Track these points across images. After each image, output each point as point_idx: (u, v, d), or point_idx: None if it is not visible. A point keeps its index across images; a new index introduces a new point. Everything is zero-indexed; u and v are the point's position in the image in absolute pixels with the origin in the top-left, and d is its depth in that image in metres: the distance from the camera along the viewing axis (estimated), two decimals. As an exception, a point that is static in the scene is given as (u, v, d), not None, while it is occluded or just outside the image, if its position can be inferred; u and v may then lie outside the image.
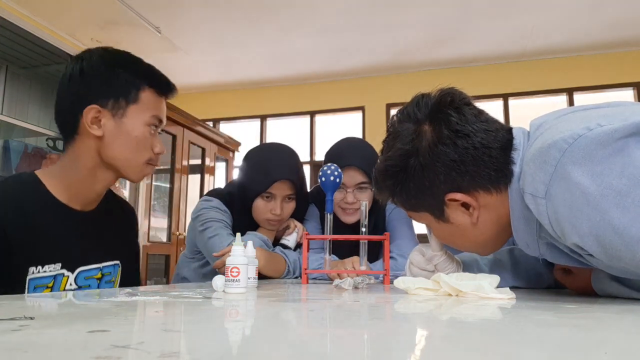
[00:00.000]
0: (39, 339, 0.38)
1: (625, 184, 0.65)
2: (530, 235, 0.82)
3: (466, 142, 0.81)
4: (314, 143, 5.48)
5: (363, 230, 1.24)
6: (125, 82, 1.01)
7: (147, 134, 1.04)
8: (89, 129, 0.99)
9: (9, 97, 3.15)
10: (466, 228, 0.87)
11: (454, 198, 0.83)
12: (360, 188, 1.50)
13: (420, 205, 0.89)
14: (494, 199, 0.83)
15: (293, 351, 0.38)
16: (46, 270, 0.97)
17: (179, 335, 0.41)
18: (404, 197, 0.89)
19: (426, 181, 0.84)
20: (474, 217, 0.85)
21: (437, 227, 0.92)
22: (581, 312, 0.66)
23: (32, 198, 0.98)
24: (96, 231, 1.08)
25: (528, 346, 0.39)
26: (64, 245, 1.00)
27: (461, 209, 0.85)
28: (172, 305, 0.66)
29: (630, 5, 3.88)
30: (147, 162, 1.06)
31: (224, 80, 5.48)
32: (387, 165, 0.88)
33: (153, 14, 3.98)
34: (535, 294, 0.90)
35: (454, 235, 0.91)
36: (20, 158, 3.21)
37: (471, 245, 0.92)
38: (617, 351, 0.37)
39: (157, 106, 1.06)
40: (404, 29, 4.27)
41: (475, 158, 0.81)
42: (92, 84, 1.00)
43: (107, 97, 1.00)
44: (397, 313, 0.67)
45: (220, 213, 1.47)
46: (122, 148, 1.01)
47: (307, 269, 1.20)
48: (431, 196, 0.85)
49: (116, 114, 1.01)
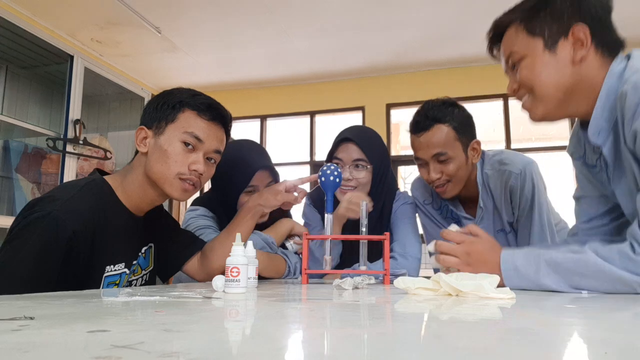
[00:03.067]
0: (39, 339, 0.38)
1: None
2: (606, 120, 0.93)
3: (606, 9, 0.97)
4: (314, 143, 5.48)
5: (363, 230, 1.24)
6: (168, 107, 1.15)
7: (179, 149, 1.13)
8: (137, 147, 1.15)
9: (9, 97, 3.15)
10: (565, 64, 0.96)
11: (580, 30, 0.94)
12: (357, 166, 1.50)
13: (544, 27, 0.97)
14: (598, 62, 0.95)
15: (293, 351, 0.38)
16: (117, 268, 1.12)
17: (179, 335, 0.41)
18: (535, 14, 0.98)
19: (571, 5, 0.95)
20: (578, 56, 0.95)
21: (539, 56, 0.98)
22: (581, 312, 0.66)
23: (108, 205, 1.10)
24: (144, 234, 1.23)
25: (528, 346, 0.39)
26: (127, 247, 1.16)
27: (573, 45, 0.95)
28: (172, 305, 0.66)
29: (630, 5, 3.88)
30: (180, 177, 1.13)
31: (224, 80, 5.48)
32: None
33: (153, 14, 3.98)
34: (535, 294, 0.90)
35: (548, 66, 0.97)
36: (20, 158, 3.21)
37: (550, 86, 0.98)
38: (617, 351, 0.37)
39: (194, 124, 1.14)
40: (404, 29, 4.27)
41: (607, 19, 0.97)
42: (146, 112, 1.18)
43: (153, 120, 1.15)
44: (397, 313, 0.67)
45: (207, 220, 1.51)
46: (156, 161, 1.12)
47: (307, 269, 1.21)
48: (563, 19, 0.96)
49: (157, 133, 1.14)
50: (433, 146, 1.43)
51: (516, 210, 1.47)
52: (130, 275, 1.18)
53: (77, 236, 0.99)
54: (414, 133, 1.47)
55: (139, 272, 1.22)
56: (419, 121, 1.46)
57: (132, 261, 1.18)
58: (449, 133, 1.42)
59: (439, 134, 1.42)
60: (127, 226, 1.15)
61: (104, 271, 1.08)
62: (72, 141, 3.23)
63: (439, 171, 1.44)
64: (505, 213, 1.48)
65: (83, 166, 3.40)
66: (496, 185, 1.47)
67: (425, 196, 1.61)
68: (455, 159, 1.43)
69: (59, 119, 3.31)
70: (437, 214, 1.61)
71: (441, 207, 1.60)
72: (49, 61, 3.24)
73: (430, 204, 1.61)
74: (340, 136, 1.53)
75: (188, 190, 1.15)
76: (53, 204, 0.99)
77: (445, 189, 1.46)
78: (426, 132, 1.44)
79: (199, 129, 1.14)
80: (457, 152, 1.43)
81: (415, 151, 1.49)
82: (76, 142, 3.25)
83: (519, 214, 1.47)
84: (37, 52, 3.12)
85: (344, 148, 1.51)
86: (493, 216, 1.50)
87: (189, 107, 1.15)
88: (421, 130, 1.45)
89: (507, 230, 1.50)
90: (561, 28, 0.96)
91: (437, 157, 1.43)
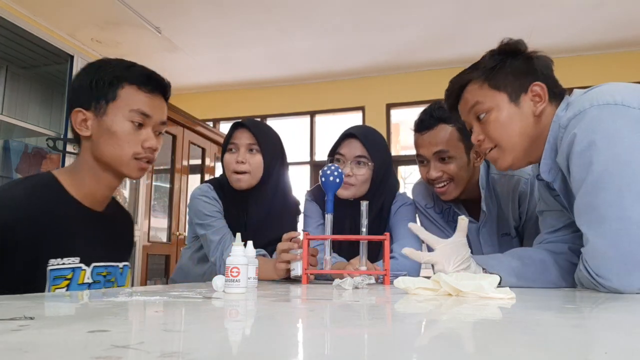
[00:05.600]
0: (39, 339, 0.38)
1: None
2: (554, 160, 1.06)
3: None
4: (314, 143, 5.48)
5: (363, 231, 1.24)
6: (104, 84, 1.06)
7: (128, 128, 1.06)
8: (78, 130, 1.07)
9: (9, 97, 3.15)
10: (528, 116, 1.09)
11: (538, 86, 1.08)
12: (358, 162, 1.51)
13: (507, 83, 1.10)
14: (553, 110, 1.08)
15: (293, 351, 0.38)
16: (65, 262, 1.03)
17: (179, 335, 0.41)
18: (498, 74, 1.11)
19: (526, 67, 1.10)
20: (538, 109, 1.08)
21: (505, 108, 1.10)
22: (581, 312, 0.66)
23: (50, 196, 1.04)
24: (106, 231, 1.15)
25: (528, 346, 0.39)
26: (81, 241, 1.07)
27: (533, 99, 1.09)
28: (172, 305, 0.66)
29: (630, 5, 3.88)
30: (135, 157, 1.08)
31: (224, 80, 5.48)
32: (503, 45, 1.14)
33: (153, 14, 3.98)
34: (535, 294, 0.90)
35: (514, 118, 1.09)
36: (20, 158, 3.21)
37: (517, 136, 1.10)
38: (617, 351, 0.37)
39: (138, 100, 1.08)
40: (404, 29, 4.27)
41: (552, 75, 1.12)
42: (78, 91, 1.08)
43: (89, 99, 1.06)
44: (397, 313, 0.67)
45: (208, 201, 1.50)
46: (106, 144, 1.06)
47: (307, 269, 1.20)
48: (523, 79, 1.09)
49: (98, 114, 1.06)
50: (436, 144, 1.43)
51: (524, 215, 1.46)
52: (103, 280, 1.12)
53: (9, 227, 0.94)
54: (418, 131, 1.48)
55: (115, 286, 1.17)
56: (423, 120, 1.46)
57: (96, 259, 1.10)
58: (452, 133, 1.42)
59: (442, 133, 1.43)
60: (80, 219, 1.07)
61: (47, 264, 1.00)
62: (72, 141, 3.22)
63: (440, 170, 1.44)
64: (512, 218, 1.47)
65: (83, 166, 3.40)
66: (503, 190, 1.46)
67: (427, 200, 1.61)
68: (457, 159, 1.43)
69: (59, 119, 3.30)
70: (439, 217, 1.60)
71: (443, 210, 1.60)
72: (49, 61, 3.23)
73: (432, 208, 1.60)
74: (345, 132, 1.55)
75: (144, 169, 1.11)
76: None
77: (446, 189, 1.46)
78: (430, 131, 1.44)
79: (144, 104, 1.08)
80: (459, 153, 1.43)
81: (417, 149, 1.49)
82: (76, 142, 3.25)
83: (526, 219, 1.46)
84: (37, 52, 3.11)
85: (347, 144, 1.53)
86: (497, 220, 1.49)
87: (127, 81, 1.07)
88: (425, 129, 1.45)
89: (513, 235, 1.49)
90: (522, 85, 1.09)
91: (439, 154, 1.43)
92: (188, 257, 1.63)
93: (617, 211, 0.89)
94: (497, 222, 1.49)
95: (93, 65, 1.11)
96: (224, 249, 1.44)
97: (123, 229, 1.26)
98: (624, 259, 0.88)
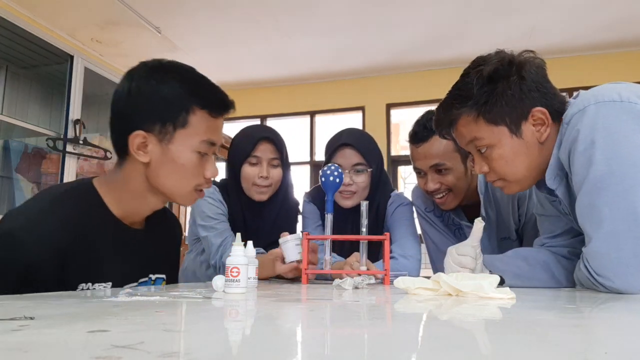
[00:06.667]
0: (39, 339, 0.38)
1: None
2: (560, 167, 1.02)
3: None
4: (314, 143, 5.48)
5: (363, 231, 1.24)
6: (173, 105, 0.94)
7: (195, 161, 0.97)
8: (135, 155, 0.95)
9: (9, 97, 3.15)
10: (532, 145, 1.03)
11: (539, 111, 1.01)
12: (356, 171, 1.50)
13: (504, 116, 1.02)
14: (557, 127, 1.02)
15: (293, 351, 0.38)
16: (96, 288, 0.94)
17: (179, 335, 0.41)
18: (492, 107, 1.02)
19: (521, 93, 1.01)
20: (543, 136, 1.02)
21: (508, 144, 1.04)
22: (581, 312, 0.66)
23: (91, 213, 0.95)
24: (146, 250, 1.06)
25: (528, 346, 0.39)
26: (115, 265, 0.97)
27: (535, 127, 1.02)
28: (172, 305, 0.66)
29: (630, 5, 3.87)
30: (197, 189, 1.01)
31: (224, 80, 5.47)
32: (491, 70, 1.04)
33: (153, 14, 3.98)
34: (535, 294, 0.90)
35: (518, 153, 1.04)
36: (20, 158, 3.21)
37: (524, 170, 1.05)
38: (617, 351, 0.37)
39: (208, 129, 0.97)
40: (404, 29, 4.26)
41: (548, 86, 1.05)
42: (138, 106, 0.95)
43: (153, 121, 0.94)
44: (397, 313, 0.67)
45: (214, 203, 1.49)
46: (169, 176, 0.96)
47: (307, 268, 1.20)
48: (520, 106, 1.02)
49: (163, 140, 0.95)
50: (431, 157, 1.41)
51: (523, 217, 1.46)
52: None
53: (39, 259, 0.84)
54: (413, 143, 1.46)
55: None
56: (417, 132, 1.44)
57: (129, 281, 1.02)
58: (447, 144, 1.39)
59: (437, 145, 1.40)
60: (117, 240, 0.98)
61: (75, 289, 0.91)
62: (72, 141, 3.22)
63: (438, 181, 1.43)
64: (512, 220, 1.47)
65: (83, 166, 3.39)
66: (503, 195, 1.46)
67: (427, 204, 1.60)
68: (454, 170, 1.41)
69: (59, 119, 3.30)
70: (439, 221, 1.60)
71: (443, 214, 1.59)
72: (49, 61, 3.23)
73: (432, 212, 1.60)
74: (337, 142, 1.51)
75: (199, 197, 1.04)
76: (17, 219, 0.88)
77: (445, 200, 1.45)
78: (425, 143, 1.42)
79: (212, 132, 0.98)
80: (455, 163, 1.41)
81: (414, 161, 1.49)
82: (76, 142, 3.24)
83: (525, 220, 1.46)
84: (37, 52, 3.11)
85: (341, 154, 1.50)
86: (497, 225, 1.49)
87: (199, 105, 0.96)
88: (420, 141, 1.43)
89: (513, 238, 1.48)
90: (521, 113, 1.02)
91: (436, 167, 1.42)
92: (192, 259, 1.61)
93: (619, 212, 0.89)
94: (497, 226, 1.48)
95: (156, 77, 0.95)
96: (224, 253, 1.43)
97: (166, 244, 1.17)
98: (626, 260, 0.88)
